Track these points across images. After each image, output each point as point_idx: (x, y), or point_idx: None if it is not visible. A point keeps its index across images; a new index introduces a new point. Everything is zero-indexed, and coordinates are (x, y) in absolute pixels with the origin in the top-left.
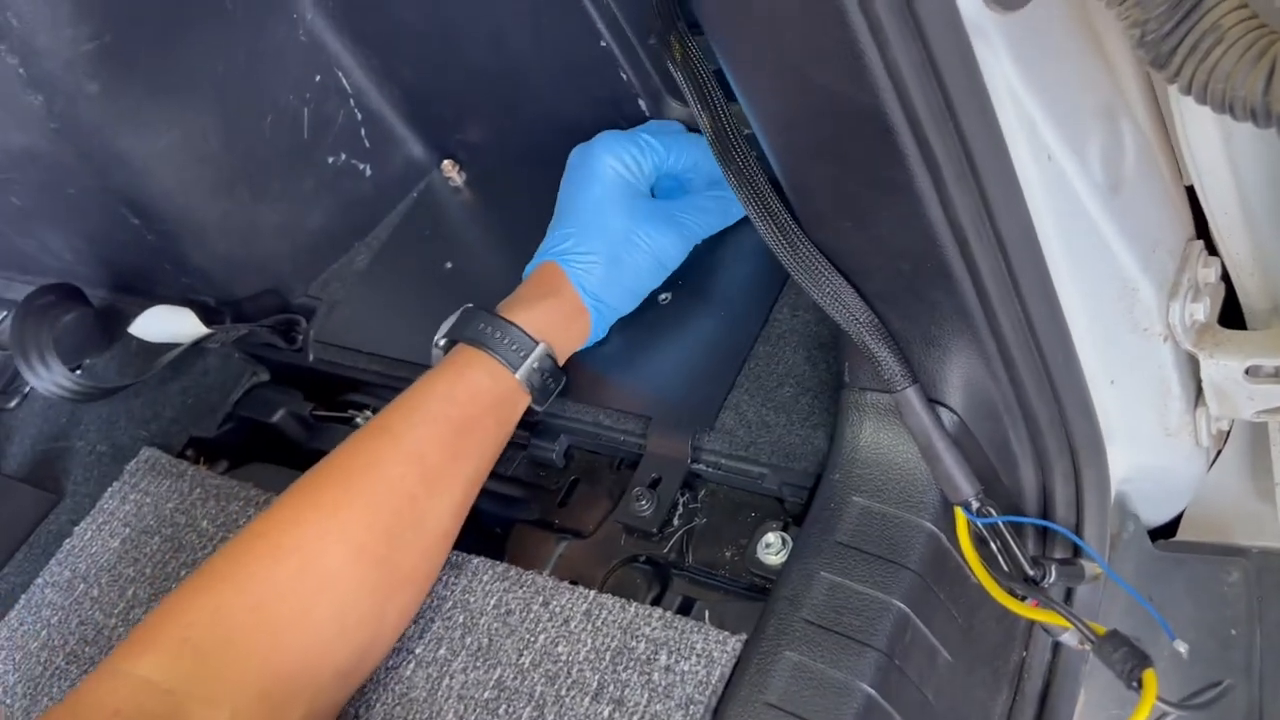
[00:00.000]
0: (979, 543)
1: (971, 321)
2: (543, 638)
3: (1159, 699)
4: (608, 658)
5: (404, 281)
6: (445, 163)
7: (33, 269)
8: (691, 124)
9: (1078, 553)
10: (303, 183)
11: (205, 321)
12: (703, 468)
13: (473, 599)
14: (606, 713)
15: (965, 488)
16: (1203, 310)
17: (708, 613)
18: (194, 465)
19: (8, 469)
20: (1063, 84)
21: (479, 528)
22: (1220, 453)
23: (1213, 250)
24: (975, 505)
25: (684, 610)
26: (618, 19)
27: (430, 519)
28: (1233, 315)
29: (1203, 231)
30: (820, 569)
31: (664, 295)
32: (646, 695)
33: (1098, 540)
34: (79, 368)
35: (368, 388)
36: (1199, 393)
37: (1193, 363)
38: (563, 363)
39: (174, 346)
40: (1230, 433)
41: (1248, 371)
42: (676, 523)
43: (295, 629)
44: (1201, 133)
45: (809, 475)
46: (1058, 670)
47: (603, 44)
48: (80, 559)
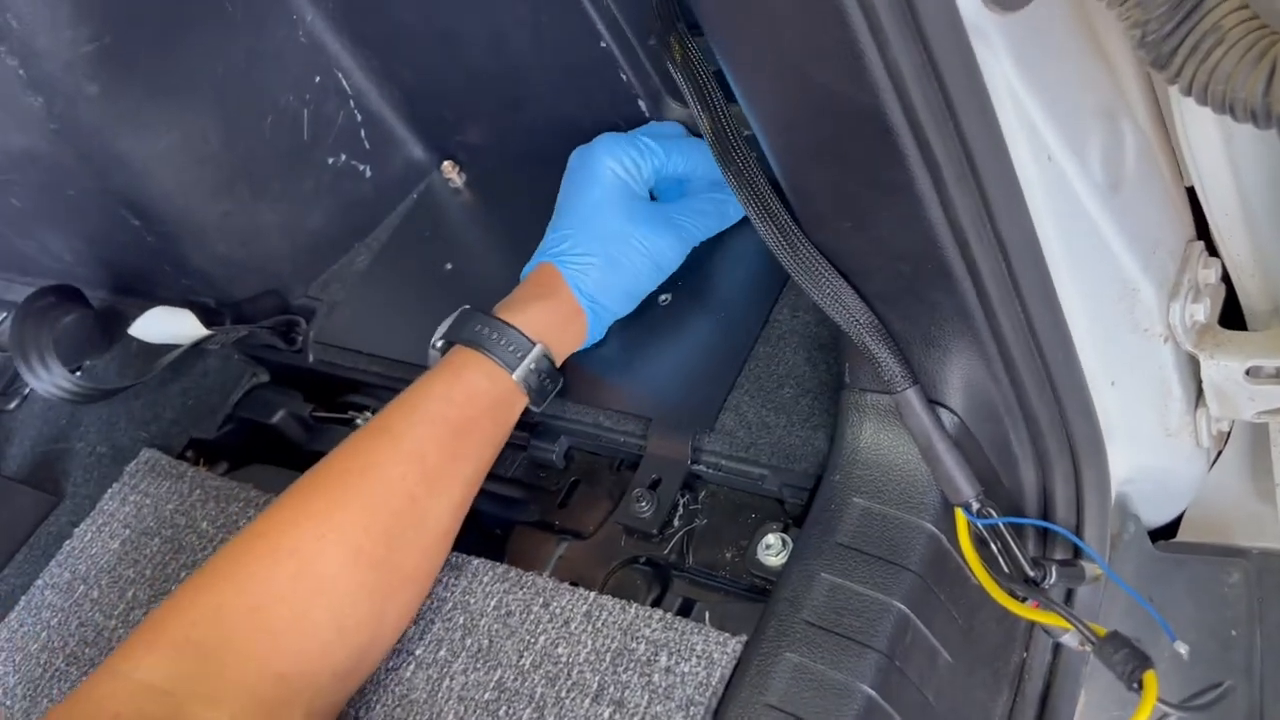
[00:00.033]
0: (979, 544)
1: (972, 322)
2: (543, 639)
3: (1159, 700)
4: (608, 659)
5: (404, 283)
6: (445, 164)
7: (33, 270)
8: (692, 125)
9: (1078, 554)
10: (303, 184)
11: (205, 323)
12: (703, 469)
13: (473, 600)
14: (607, 714)
15: (966, 489)
16: (1203, 311)
17: (708, 614)
18: (194, 466)
19: (7, 470)
20: (1063, 84)
21: (479, 529)
22: (1221, 454)
23: (1213, 251)
24: (976, 506)
25: (684, 612)
26: (618, 20)
27: (430, 519)
28: (1233, 316)
29: (1203, 232)
30: (821, 570)
31: (664, 296)
32: (647, 697)
33: (1098, 541)
34: (79, 369)
35: (368, 389)
36: (1199, 393)
37: (1193, 363)
38: (560, 364)
39: (174, 348)
40: (1231, 434)
41: (1248, 372)
42: (677, 524)
43: (294, 631)
44: (1202, 133)
45: (809, 476)
46: (1058, 671)
47: (603, 45)
48: (80, 560)
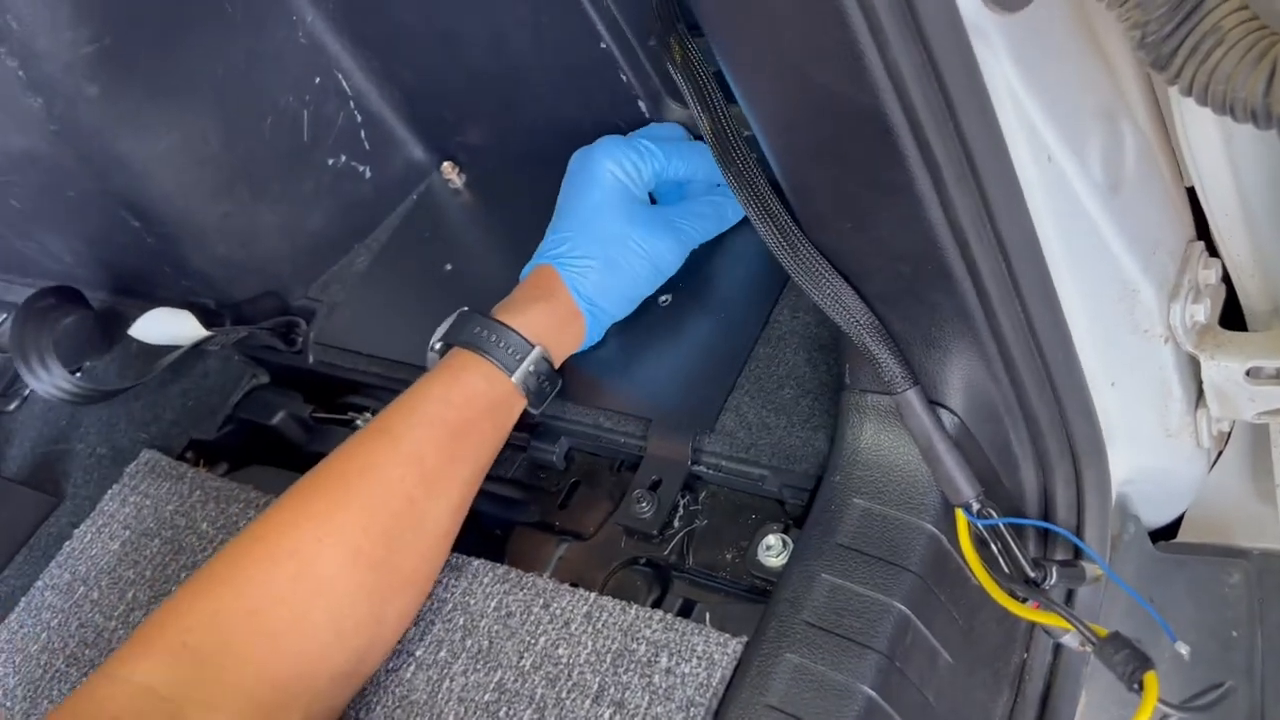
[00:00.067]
0: (980, 544)
1: (972, 323)
2: (543, 640)
3: (1160, 701)
4: (608, 660)
5: (404, 283)
6: (445, 165)
7: (33, 272)
8: (691, 126)
9: (1079, 554)
10: (302, 185)
11: (205, 324)
12: (703, 470)
13: (473, 601)
14: (607, 715)
15: (966, 489)
16: (1203, 312)
17: (708, 615)
18: (194, 467)
19: (8, 471)
20: (1063, 85)
21: (479, 530)
22: (1221, 454)
23: (1213, 252)
24: (976, 507)
25: (684, 612)
26: (618, 21)
27: (428, 521)
28: (1233, 317)
29: (1203, 233)
30: (821, 571)
31: (664, 297)
32: (647, 698)
33: (1099, 542)
34: (79, 370)
35: (368, 390)
36: (1200, 394)
37: (1193, 364)
38: (558, 366)
39: (174, 349)
40: (1231, 434)
41: (1249, 373)
42: (677, 525)
43: (292, 634)
44: (1202, 134)
45: (809, 477)
46: (1059, 672)
47: (603, 46)
48: (80, 561)
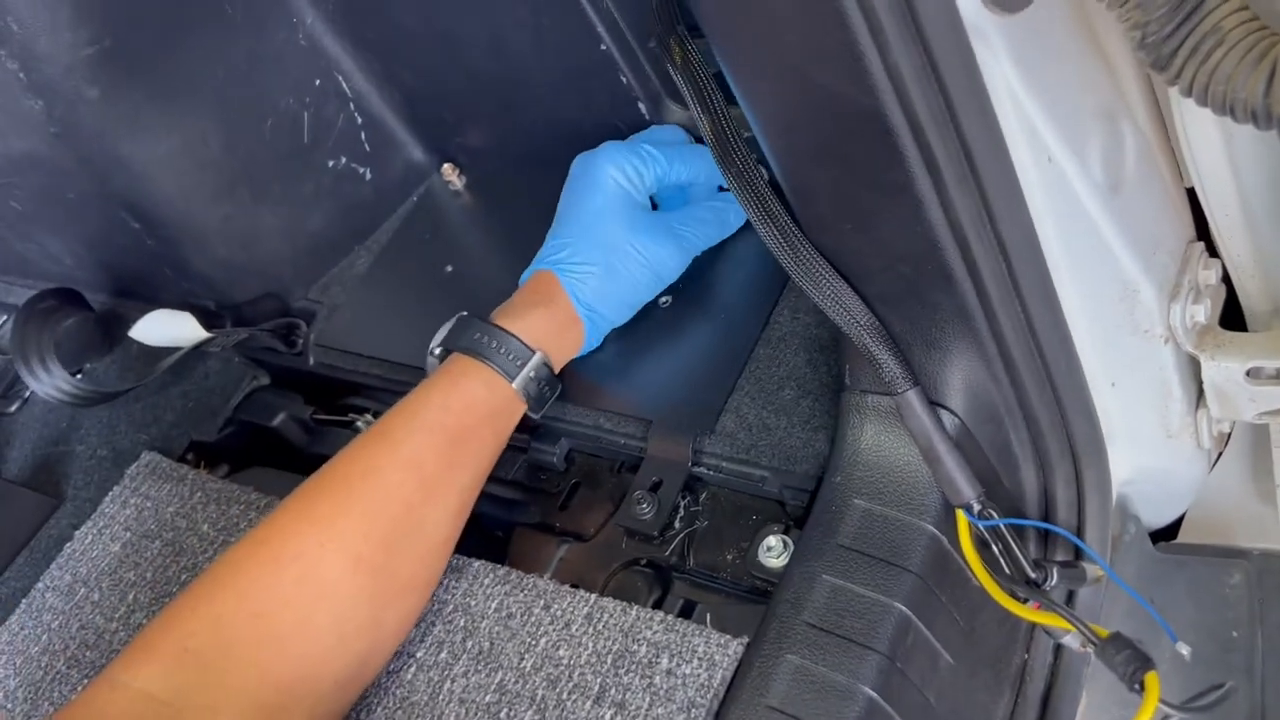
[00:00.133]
0: (980, 545)
1: (972, 324)
2: (544, 641)
3: (1161, 701)
4: (609, 661)
5: (404, 285)
6: (445, 166)
7: (33, 273)
8: (692, 127)
9: (1079, 555)
10: (303, 186)
11: (206, 325)
12: (704, 471)
13: (474, 602)
14: (608, 716)
15: (966, 490)
16: (1203, 312)
17: (709, 616)
18: (195, 469)
19: (8, 473)
20: (1063, 86)
21: (480, 531)
22: (1221, 455)
23: (1213, 252)
24: (977, 508)
25: (685, 613)
26: (618, 22)
27: (428, 526)
28: (1234, 317)
29: (1203, 233)
30: (822, 572)
31: (664, 299)
32: (648, 699)
33: (1099, 543)
34: (79, 372)
35: (368, 391)
36: (1200, 395)
37: (1194, 365)
38: (557, 372)
39: (174, 351)
40: (1231, 435)
41: (1249, 373)
42: (677, 526)
43: (296, 637)
44: (1202, 134)
45: (810, 478)
46: (1060, 673)
47: (602, 47)
48: (81, 563)
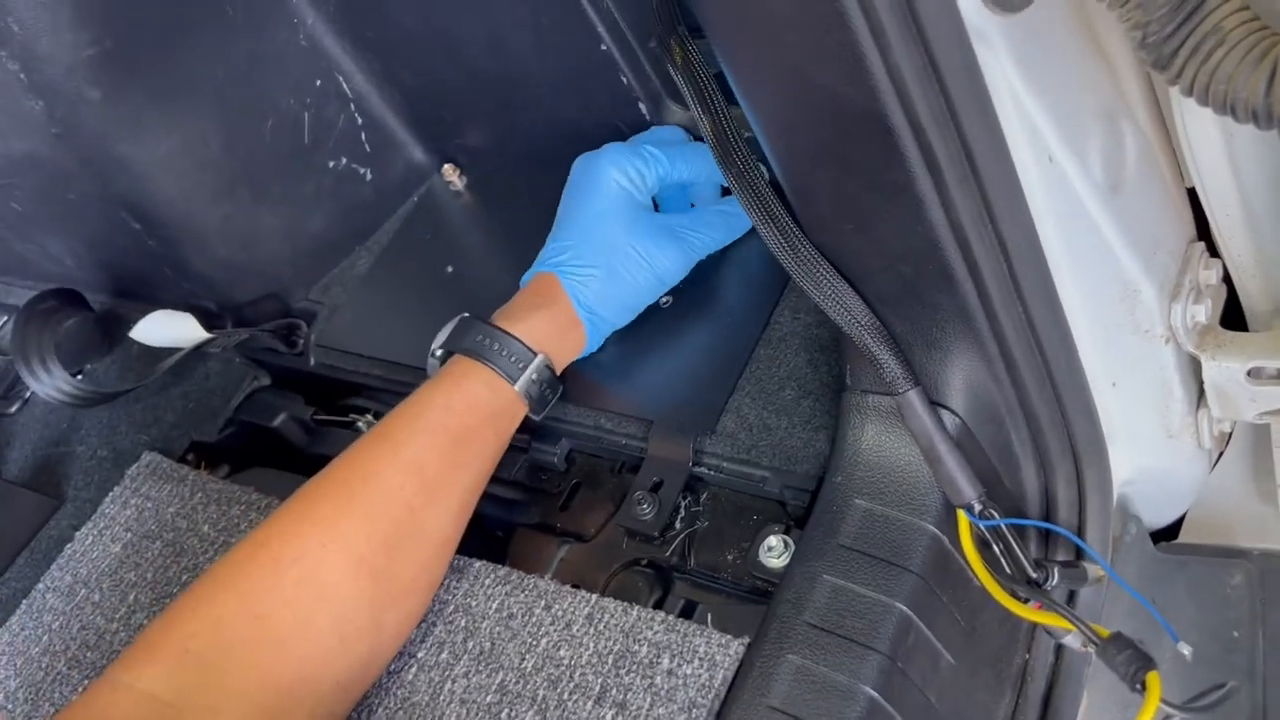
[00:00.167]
0: (981, 545)
1: (973, 324)
2: (545, 642)
3: (1163, 701)
4: (610, 661)
5: (405, 286)
6: (446, 167)
7: (34, 274)
8: (692, 128)
9: (1080, 555)
10: (303, 187)
11: (206, 326)
12: (704, 471)
13: (475, 603)
14: (609, 716)
15: (967, 490)
16: (1204, 312)
17: (710, 616)
18: (195, 470)
19: (9, 474)
20: (1064, 86)
21: (481, 531)
22: (1222, 455)
23: (1214, 252)
24: (978, 508)
25: (686, 614)
26: (618, 22)
27: (429, 528)
28: (1234, 317)
29: (1204, 233)
30: (823, 572)
31: (665, 299)
32: (649, 699)
33: (1100, 543)
34: (80, 372)
35: (369, 392)
36: (1201, 394)
37: (1194, 364)
38: (559, 374)
39: (175, 351)
40: (1232, 435)
41: (1250, 373)
42: (678, 526)
43: (297, 639)
44: (1203, 134)
45: (811, 478)
46: (1061, 673)
47: (603, 47)
48: (81, 564)
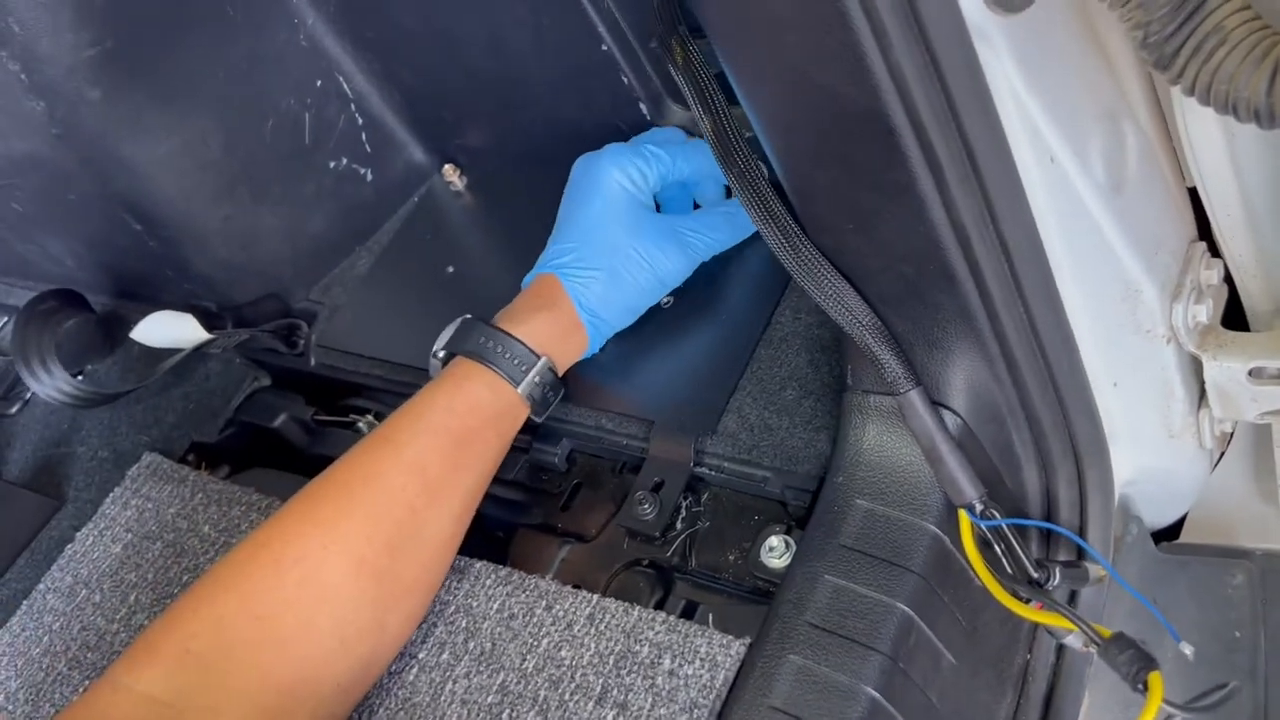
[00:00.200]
0: (983, 545)
1: (974, 324)
2: (546, 642)
3: (1164, 701)
4: (611, 662)
5: (405, 286)
6: (446, 167)
7: (34, 275)
8: (693, 128)
9: (1081, 555)
10: (304, 187)
11: (207, 327)
12: (705, 471)
13: (476, 603)
14: (610, 717)
15: (969, 490)
16: (1205, 312)
17: (711, 616)
18: (196, 470)
19: (9, 475)
20: (1065, 86)
21: (482, 532)
22: (1223, 455)
23: (1215, 252)
24: (979, 508)
25: (687, 614)
26: (619, 22)
27: (431, 530)
28: (1236, 317)
29: (1205, 233)
30: (824, 572)
31: (666, 299)
32: (650, 699)
33: (1101, 543)
34: (80, 373)
35: (369, 392)
36: (1202, 394)
37: (1196, 364)
38: (560, 376)
39: (175, 352)
40: (1233, 435)
41: (1251, 373)
42: (679, 526)
43: (298, 640)
44: (1204, 134)
45: (812, 478)
46: (1062, 673)
47: (604, 48)
48: (82, 565)
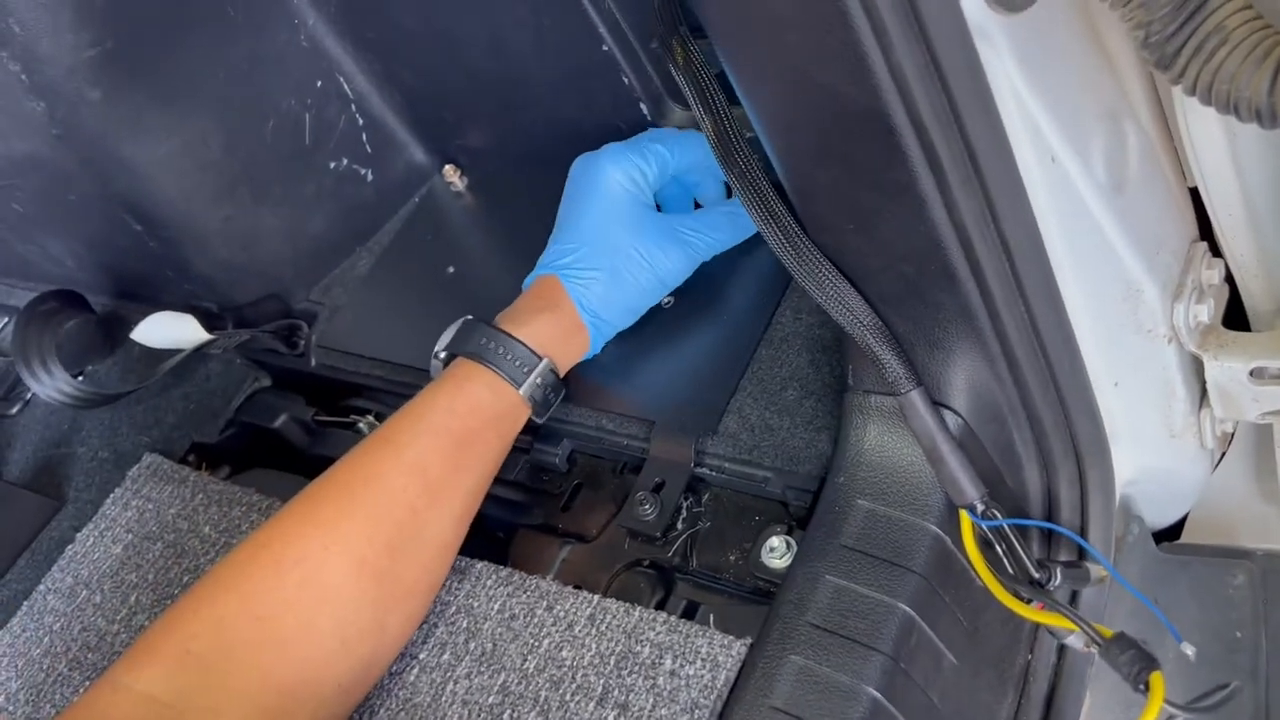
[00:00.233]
0: (984, 545)
1: (976, 323)
2: (547, 643)
3: (1166, 701)
4: (612, 662)
5: (406, 286)
6: (447, 167)
7: (35, 275)
8: (693, 128)
9: (1083, 555)
10: (304, 188)
11: (207, 327)
12: (706, 471)
13: (476, 604)
14: (611, 717)
15: (970, 490)
16: (1207, 312)
17: (712, 617)
18: (196, 471)
19: (10, 475)
20: (1066, 85)
21: (482, 532)
22: (1224, 455)
23: (1216, 252)
24: (980, 508)
25: (688, 614)
26: (619, 23)
27: (431, 531)
28: (1237, 317)
29: (1206, 233)
30: (825, 572)
31: (667, 299)
32: (651, 700)
33: (1103, 543)
34: (81, 374)
35: (370, 393)
36: (1203, 394)
37: (1197, 364)
38: (561, 377)
39: (176, 352)
40: (1234, 435)
41: (1252, 373)
42: (680, 527)
43: (299, 640)
44: (1205, 134)
45: (813, 478)
46: (1063, 673)
47: (604, 48)
48: (82, 565)
